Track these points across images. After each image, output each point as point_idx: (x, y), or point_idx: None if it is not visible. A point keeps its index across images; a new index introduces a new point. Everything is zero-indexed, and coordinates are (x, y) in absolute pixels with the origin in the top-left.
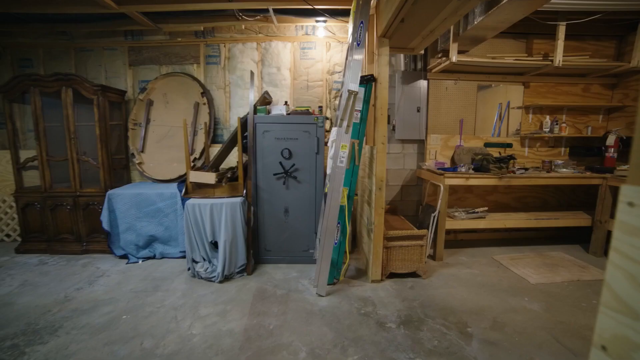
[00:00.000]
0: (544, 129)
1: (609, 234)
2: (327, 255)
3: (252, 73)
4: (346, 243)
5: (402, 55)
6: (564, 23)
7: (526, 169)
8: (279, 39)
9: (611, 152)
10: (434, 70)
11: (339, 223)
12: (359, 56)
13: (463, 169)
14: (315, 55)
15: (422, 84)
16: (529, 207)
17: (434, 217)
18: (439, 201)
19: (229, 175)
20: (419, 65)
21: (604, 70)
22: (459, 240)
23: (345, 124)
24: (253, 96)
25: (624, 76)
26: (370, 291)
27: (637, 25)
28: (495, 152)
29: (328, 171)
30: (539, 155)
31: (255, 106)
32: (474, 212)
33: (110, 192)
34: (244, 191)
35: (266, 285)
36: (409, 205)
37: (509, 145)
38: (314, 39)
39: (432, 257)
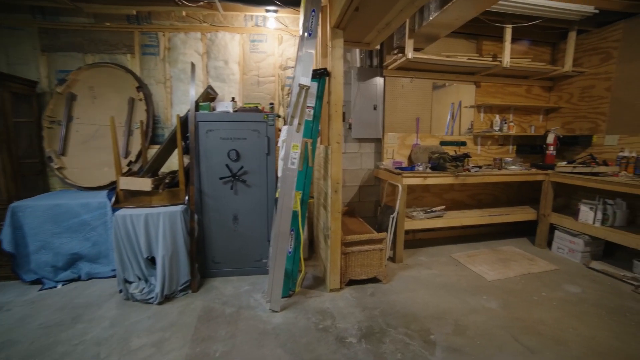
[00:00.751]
0: (494, 128)
1: (551, 227)
2: (280, 266)
3: (193, 65)
4: (300, 251)
5: (357, 51)
6: (510, 26)
7: (480, 167)
8: (226, 30)
9: (551, 150)
10: (390, 67)
11: (292, 230)
12: (311, 48)
13: (420, 168)
14: (266, 49)
15: (379, 81)
16: (482, 204)
17: (393, 218)
18: (398, 202)
19: (167, 181)
20: (375, 61)
21: (542, 73)
22: (417, 240)
23: (296, 121)
24: (194, 91)
25: (558, 80)
26: (329, 302)
27: (567, 34)
28: (450, 151)
29: (279, 174)
30: (490, 153)
31: (197, 102)
32: (432, 212)
33: (14, 204)
34: (186, 198)
35: (214, 303)
36: (368, 206)
37: (463, 144)
38: (265, 30)
39: (392, 259)
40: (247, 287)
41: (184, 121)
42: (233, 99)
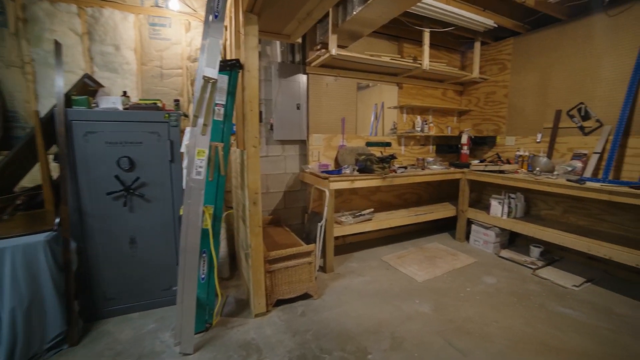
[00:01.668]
0: (417, 128)
1: (469, 221)
2: (190, 298)
3: (57, 44)
4: (215, 276)
5: (278, 44)
6: (428, 30)
7: (405, 167)
8: (115, 7)
9: (465, 150)
10: (313, 64)
11: (204, 252)
12: (218, 33)
13: (347, 171)
14: (170, 36)
15: (302, 78)
16: (407, 203)
17: (321, 226)
18: (325, 208)
19: (20, 202)
20: (298, 57)
21: (455, 78)
22: (348, 244)
23: (201, 121)
24: (62, 81)
25: (467, 85)
26: (254, 330)
27: (474, 44)
28: (377, 152)
29: (184, 185)
30: (413, 153)
31: (68, 95)
32: (361, 215)
33: None
34: (56, 222)
35: (102, 357)
36: (294, 213)
37: (388, 144)
38: (168, 13)
39: (323, 268)
40: (153, 326)
41: (46, 120)
42: (124, 93)
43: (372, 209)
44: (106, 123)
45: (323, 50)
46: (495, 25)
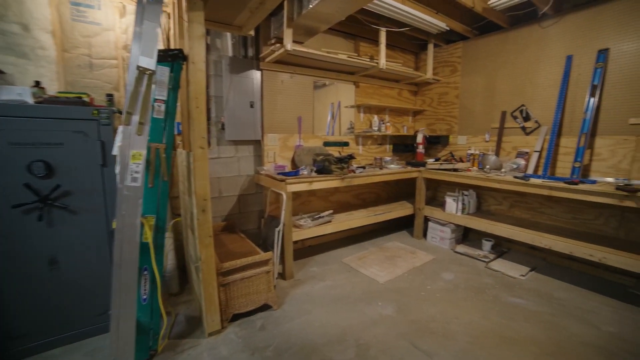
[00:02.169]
0: (374, 128)
1: (426, 219)
2: (127, 323)
3: None
4: (159, 296)
5: (229, 37)
6: (384, 29)
7: (363, 167)
8: None
9: (420, 149)
10: (267, 60)
11: (145, 270)
12: (154, 16)
13: (305, 172)
14: (100, 20)
15: (255, 75)
16: (366, 203)
17: (279, 231)
18: (283, 213)
19: None
20: (251, 52)
21: (410, 78)
22: (307, 248)
23: (136, 119)
24: None
25: (421, 85)
26: (208, 352)
27: (427, 45)
28: (335, 151)
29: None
30: (371, 152)
31: None
32: (320, 217)
33: None
34: None
35: None
36: (250, 218)
37: (346, 144)
38: None
39: (282, 275)
40: None
41: None
42: (37, 83)
43: (331, 211)
44: (10, 119)
45: (278, 45)
46: (447, 29)
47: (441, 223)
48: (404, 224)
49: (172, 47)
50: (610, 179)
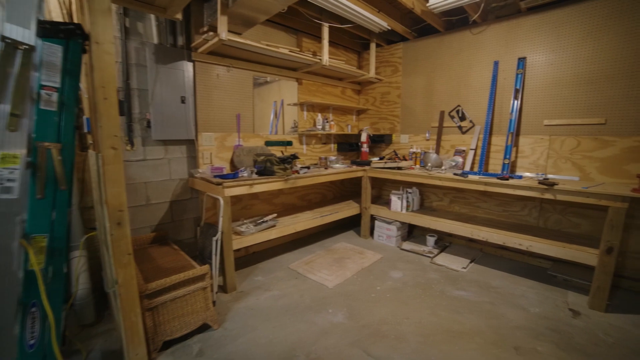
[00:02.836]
0: (318, 126)
1: (372, 218)
2: None
3: None
4: (53, 339)
5: (153, 21)
6: (327, 25)
7: (308, 168)
8: None
9: (365, 147)
10: (200, 50)
11: (33, 306)
12: None
13: (245, 174)
14: None
15: (187, 66)
16: (312, 204)
17: (217, 241)
18: (220, 219)
19: None
20: (181, 40)
21: (353, 77)
22: (251, 255)
23: (4, 109)
24: None
25: (364, 84)
26: None
27: (369, 45)
28: (277, 152)
29: None
30: (315, 152)
31: None
32: (263, 222)
33: None
34: None
35: None
36: (186, 226)
37: (290, 143)
38: None
39: (223, 287)
40: None
41: None
42: None
43: (275, 214)
44: None
45: (211, 34)
46: (389, 28)
47: (387, 221)
48: (351, 224)
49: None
50: (532, 174)
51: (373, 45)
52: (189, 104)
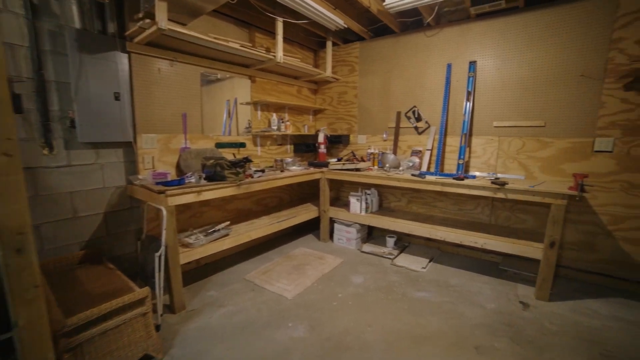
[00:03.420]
0: (273, 127)
1: (331, 220)
2: None
3: None
4: None
5: (73, 1)
6: (281, 19)
7: (262, 171)
8: None
9: (322, 148)
10: (137, 40)
11: None
12: None
13: (193, 179)
14: None
15: (121, 58)
16: (269, 209)
17: (160, 257)
18: (163, 232)
19: None
20: (112, 27)
21: (310, 75)
22: (203, 267)
23: None
24: None
25: (321, 84)
26: None
27: (325, 43)
28: (229, 154)
29: None
30: (271, 153)
31: None
32: (215, 231)
33: None
34: None
35: None
36: (125, 240)
37: (243, 145)
38: None
39: (170, 307)
40: None
41: None
42: None
43: (228, 222)
44: None
45: (148, 22)
46: (345, 26)
47: (347, 224)
48: (310, 227)
49: None
50: (484, 174)
51: (329, 44)
52: (124, 102)
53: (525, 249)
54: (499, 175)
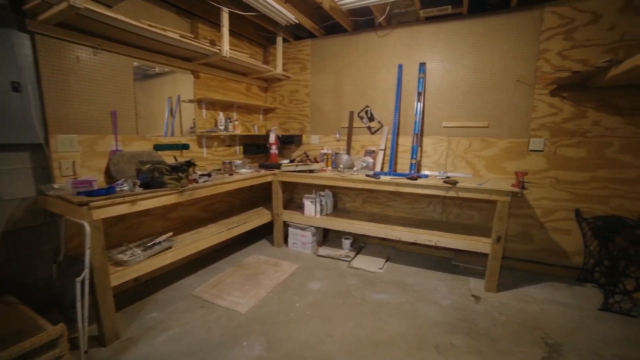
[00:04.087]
0: (219, 127)
1: (285, 225)
2: None
3: None
4: None
5: None
6: (227, 10)
7: (209, 175)
8: None
9: (274, 149)
10: (42, 17)
11: None
12: None
13: (126, 187)
14: None
15: (20, 39)
16: (217, 215)
17: (83, 282)
18: (87, 251)
19: None
20: None
21: (259, 72)
22: (142, 285)
23: None
24: None
25: (271, 81)
26: None
27: (275, 39)
28: (169, 157)
29: None
30: (218, 155)
31: None
32: (155, 244)
33: None
34: None
35: None
36: (34, 264)
37: (186, 147)
38: None
39: (99, 339)
40: None
41: None
42: None
43: (171, 233)
44: None
45: None
46: (296, 22)
47: (301, 227)
48: (263, 233)
49: None
50: (435, 173)
51: (280, 40)
52: (28, 94)
53: (475, 245)
54: (449, 174)
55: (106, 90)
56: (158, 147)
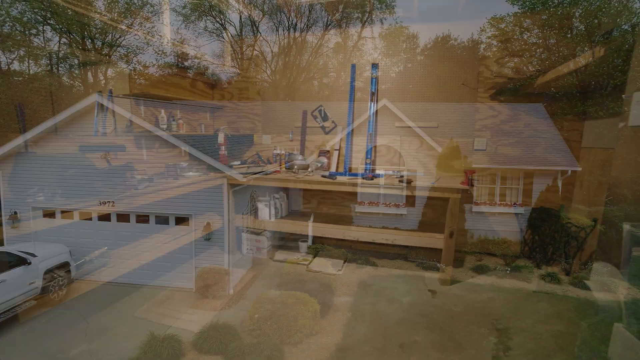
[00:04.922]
0: (161, 125)
1: (238, 230)
2: None
3: None
4: None
5: None
6: None
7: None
8: None
9: (223, 150)
10: None
11: None
12: None
13: None
14: None
15: None
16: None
17: None
18: None
19: None
20: None
21: (200, 69)
22: None
23: None
24: None
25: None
26: None
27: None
28: None
29: None
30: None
31: None
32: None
33: None
34: None
35: None
36: None
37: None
38: None
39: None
40: None
41: None
42: None
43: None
44: None
45: None
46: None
47: (256, 232)
48: (214, 240)
49: None
50: (389, 172)
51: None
52: None
53: (430, 241)
54: (402, 172)
55: None
56: None
